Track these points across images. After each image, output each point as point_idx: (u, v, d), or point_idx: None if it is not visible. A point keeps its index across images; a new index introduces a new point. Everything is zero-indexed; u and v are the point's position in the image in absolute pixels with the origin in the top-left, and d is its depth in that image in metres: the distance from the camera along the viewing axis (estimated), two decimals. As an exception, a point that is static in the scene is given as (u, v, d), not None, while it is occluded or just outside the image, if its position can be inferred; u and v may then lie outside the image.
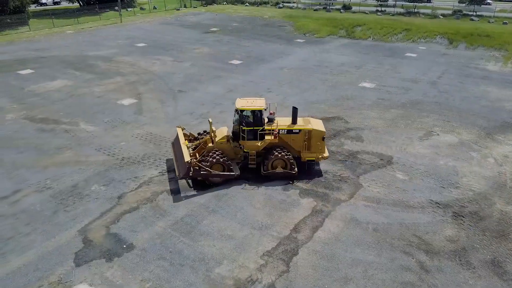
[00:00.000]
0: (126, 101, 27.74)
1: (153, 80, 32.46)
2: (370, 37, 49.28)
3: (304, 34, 51.51)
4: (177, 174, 17.62)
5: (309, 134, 18.29)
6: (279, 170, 17.97)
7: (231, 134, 18.59)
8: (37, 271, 12.97)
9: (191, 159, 17.02)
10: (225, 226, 15.14)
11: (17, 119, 24.72)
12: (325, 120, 24.41)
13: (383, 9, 69.49)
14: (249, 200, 16.68)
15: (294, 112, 18.40)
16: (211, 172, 17.15)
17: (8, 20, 53.72)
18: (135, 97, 28.51)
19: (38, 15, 63.26)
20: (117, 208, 16.13)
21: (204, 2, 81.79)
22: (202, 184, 17.63)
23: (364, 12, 66.93)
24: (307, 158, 18.61)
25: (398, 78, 33.11)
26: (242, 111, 17.69)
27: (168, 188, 17.46)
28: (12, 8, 54.46)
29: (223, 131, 18.77)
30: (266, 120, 18.35)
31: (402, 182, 17.96)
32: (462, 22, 57.29)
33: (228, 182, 17.74)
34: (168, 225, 15.16)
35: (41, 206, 16.29)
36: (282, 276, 12.85)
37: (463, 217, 15.67)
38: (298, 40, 47.92)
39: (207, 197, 16.87)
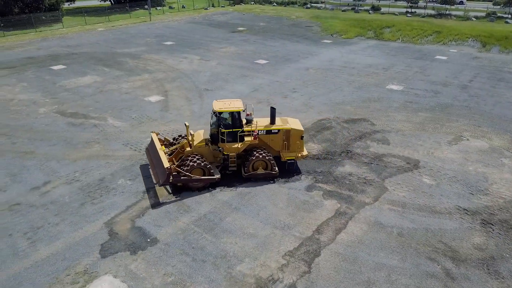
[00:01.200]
0: (153, 98, 28.20)
1: (180, 78, 32.89)
2: (399, 38, 48.42)
3: (331, 34, 51.09)
4: (155, 181, 17.18)
5: (287, 133, 18.19)
6: (260, 171, 17.76)
7: (209, 137, 18.14)
8: (64, 261, 13.36)
9: (170, 165, 16.53)
10: (248, 224, 15.19)
11: (49, 113, 25.53)
12: (351, 121, 24.20)
13: (413, 10, 68.12)
14: (272, 199, 16.67)
15: (272, 112, 18.21)
16: (191, 177, 16.64)
17: (43, 17, 55.57)
18: (162, 94, 28.95)
19: (71, 12, 65.16)
20: (142, 203, 16.43)
21: (232, 1, 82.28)
22: (182, 189, 17.20)
23: (393, 13, 65.79)
24: (286, 158, 18.46)
25: (427, 81, 32.39)
26: (220, 113, 17.27)
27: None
28: (47, 5, 56.33)
29: (200, 135, 18.28)
30: (244, 121, 18.02)
31: (429, 187, 17.56)
32: (497, 25, 55.51)
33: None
34: (192, 221, 15.33)
35: (70, 198, 16.77)
36: (303, 276, 12.79)
37: (492, 225, 15.18)
38: (325, 41, 47.57)
39: (230, 195, 16.97)
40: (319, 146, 21.19)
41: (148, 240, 14.34)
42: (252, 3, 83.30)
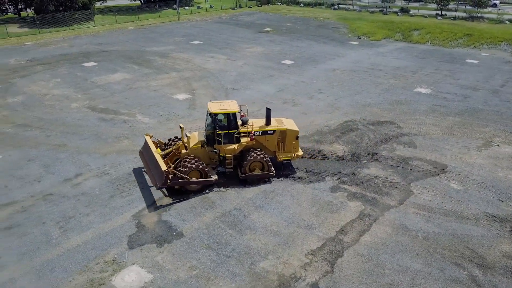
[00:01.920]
0: (181, 96, 28.73)
1: (207, 77, 33.34)
2: (428, 41, 47.53)
3: (358, 36, 50.63)
4: (153, 184, 17.00)
5: (283, 134, 18.18)
6: (257, 172, 17.70)
7: (204, 139, 18.04)
8: (94, 250, 13.87)
9: (167, 168, 16.46)
10: (271, 222, 15.34)
11: (81, 108, 26.40)
12: (377, 124, 24.00)
13: (443, 13, 66.69)
14: (296, 199, 16.78)
15: (268, 113, 18.17)
16: (189, 179, 16.53)
17: (76, 15, 57.32)
18: (189, 93, 29.45)
19: (103, 11, 66.88)
20: (169, 197, 16.82)
21: (259, 2, 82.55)
22: (179, 192, 17.16)
23: (423, 16, 64.57)
24: (282, 158, 18.44)
25: (456, 84, 31.72)
26: (216, 114, 17.15)
27: (218, 180, 17.86)
28: (80, 4, 58.10)
29: (195, 136, 18.21)
30: (239, 122, 17.92)
31: (456, 192, 17.27)
32: (531, 29, 53.65)
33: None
34: (216, 216, 15.61)
35: (100, 190, 17.35)
36: (326, 276, 12.85)
37: (522, 233, 14.83)
38: (352, 42, 47.19)
39: (254, 193, 17.17)
40: (344, 147, 21.13)
41: (174, 233, 14.70)
42: (279, 4, 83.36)
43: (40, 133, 22.73)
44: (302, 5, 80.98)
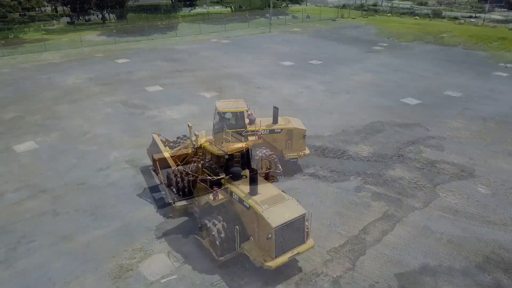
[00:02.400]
0: (208, 94, 29.23)
1: (233, 76, 33.76)
2: (460, 44, 46.46)
3: (387, 38, 50.02)
4: (162, 182, 16.86)
5: (290, 133, 18.26)
6: (264, 170, 17.41)
7: (212, 138, 17.70)
8: (123, 237, 14.42)
9: (176, 166, 16.37)
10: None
11: (112, 103, 27.29)
12: (404, 126, 23.76)
13: (477, 15, 64.98)
14: (319, 197, 16.89)
15: (275, 112, 18.22)
16: (198, 177, 16.36)
17: (110, 13, 59.01)
18: (216, 90, 29.92)
19: (135, 10, 68.51)
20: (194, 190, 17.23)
21: (286, 2, 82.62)
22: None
23: (456, 18, 63.14)
24: (289, 157, 18.44)
25: (488, 88, 30.94)
26: (224, 113, 17.07)
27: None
28: (113, 3, 59.79)
29: (203, 135, 17.91)
30: (247, 121, 17.75)
31: (484, 197, 16.97)
32: None
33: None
34: (240, 211, 15.88)
35: (129, 181, 17.95)
36: (347, 273, 12.94)
37: (551, 240, 14.46)
38: (381, 44, 46.67)
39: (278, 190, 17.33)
40: (370, 148, 21.06)
41: (199, 225, 15.05)
42: (308, 4, 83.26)
43: (74, 126, 23.66)
44: (330, 5, 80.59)
